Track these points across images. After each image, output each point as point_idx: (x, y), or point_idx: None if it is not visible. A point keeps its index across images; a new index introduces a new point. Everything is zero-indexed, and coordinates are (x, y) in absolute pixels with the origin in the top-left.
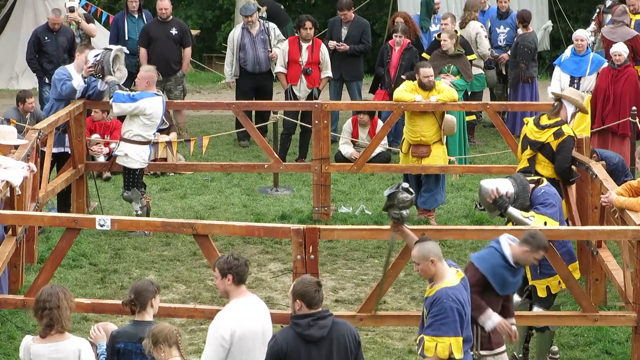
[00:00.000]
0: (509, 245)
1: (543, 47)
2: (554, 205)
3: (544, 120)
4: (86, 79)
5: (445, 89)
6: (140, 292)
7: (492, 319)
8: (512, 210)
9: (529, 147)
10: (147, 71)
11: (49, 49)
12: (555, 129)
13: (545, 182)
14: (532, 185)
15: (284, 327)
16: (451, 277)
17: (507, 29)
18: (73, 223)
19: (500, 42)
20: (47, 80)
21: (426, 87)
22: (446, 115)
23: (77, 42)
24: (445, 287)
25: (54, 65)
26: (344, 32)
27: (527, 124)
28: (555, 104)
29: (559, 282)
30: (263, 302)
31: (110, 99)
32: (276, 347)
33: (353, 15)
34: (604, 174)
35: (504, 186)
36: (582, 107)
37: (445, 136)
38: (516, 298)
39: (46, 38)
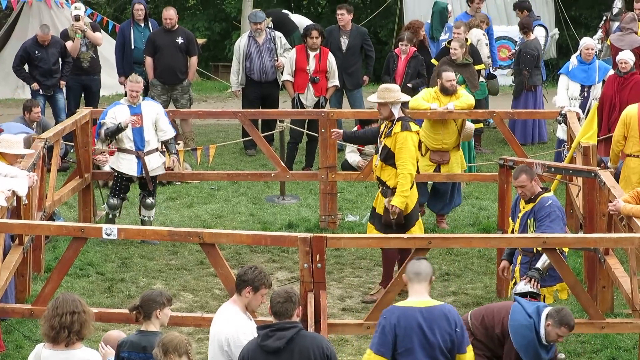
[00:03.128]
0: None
1: (550, 55)
2: (560, 217)
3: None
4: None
5: (463, 95)
6: (147, 301)
7: None
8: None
9: None
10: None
11: (40, 62)
12: None
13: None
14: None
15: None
16: (416, 299)
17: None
18: (80, 232)
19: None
20: (41, 92)
21: (449, 91)
22: (467, 123)
23: (82, 50)
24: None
25: (46, 78)
26: (344, 41)
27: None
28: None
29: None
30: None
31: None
32: (241, 355)
33: (351, 24)
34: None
35: None
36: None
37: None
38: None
39: (36, 52)
